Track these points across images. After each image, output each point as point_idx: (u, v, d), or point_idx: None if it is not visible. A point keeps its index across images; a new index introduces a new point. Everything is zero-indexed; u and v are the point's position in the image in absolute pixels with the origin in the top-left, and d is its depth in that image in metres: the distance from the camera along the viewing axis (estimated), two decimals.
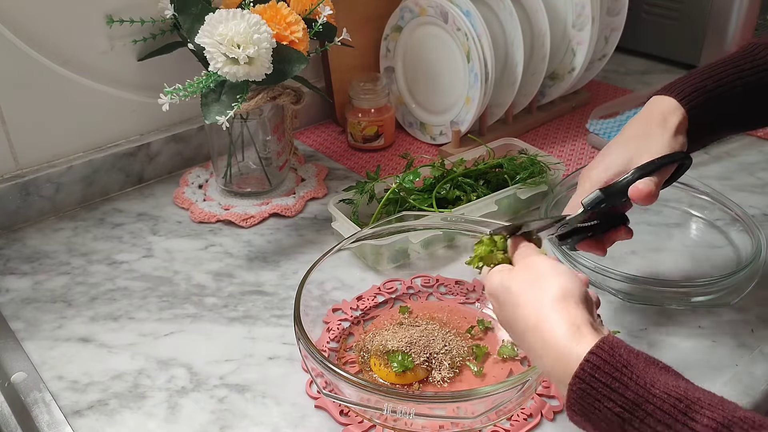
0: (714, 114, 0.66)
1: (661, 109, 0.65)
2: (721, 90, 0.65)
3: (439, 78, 1.07)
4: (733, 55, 0.68)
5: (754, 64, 0.66)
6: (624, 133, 0.66)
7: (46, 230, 0.91)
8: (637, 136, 0.65)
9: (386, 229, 0.75)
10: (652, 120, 0.64)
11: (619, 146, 0.65)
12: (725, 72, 0.66)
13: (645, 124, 0.65)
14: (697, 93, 0.65)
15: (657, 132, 0.64)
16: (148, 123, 1.00)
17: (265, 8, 0.81)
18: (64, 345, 0.72)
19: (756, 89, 0.66)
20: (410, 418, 0.56)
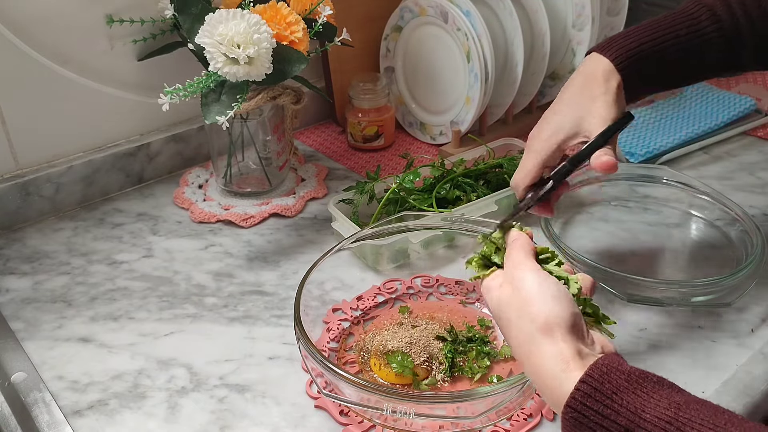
0: (647, 77, 0.68)
1: (601, 69, 0.66)
2: (656, 56, 0.66)
3: (439, 78, 1.07)
4: (674, 15, 0.68)
5: (691, 29, 0.67)
6: (567, 93, 0.68)
7: (46, 230, 0.91)
8: (582, 97, 0.66)
9: (386, 229, 0.75)
10: (594, 81, 0.66)
11: (565, 107, 0.67)
12: (663, 36, 0.67)
13: (587, 86, 0.66)
14: (633, 58, 0.66)
15: (600, 94, 0.65)
16: (148, 123, 1.00)
17: (265, 8, 0.81)
18: (64, 345, 0.72)
19: (689, 54, 0.67)
20: (410, 418, 0.56)
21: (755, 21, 0.67)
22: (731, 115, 1.07)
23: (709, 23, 0.67)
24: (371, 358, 0.67)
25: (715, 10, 0.67)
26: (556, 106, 0.68)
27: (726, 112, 1.08)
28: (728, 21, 0.67)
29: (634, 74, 0.66)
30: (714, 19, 0.67)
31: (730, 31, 0.67)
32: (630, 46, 0.66)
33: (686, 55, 0.67)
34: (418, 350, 0.66)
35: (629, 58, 0.66)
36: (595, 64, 0.67)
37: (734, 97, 1.11)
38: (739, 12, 0.67)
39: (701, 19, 0.67)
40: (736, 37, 0.67)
